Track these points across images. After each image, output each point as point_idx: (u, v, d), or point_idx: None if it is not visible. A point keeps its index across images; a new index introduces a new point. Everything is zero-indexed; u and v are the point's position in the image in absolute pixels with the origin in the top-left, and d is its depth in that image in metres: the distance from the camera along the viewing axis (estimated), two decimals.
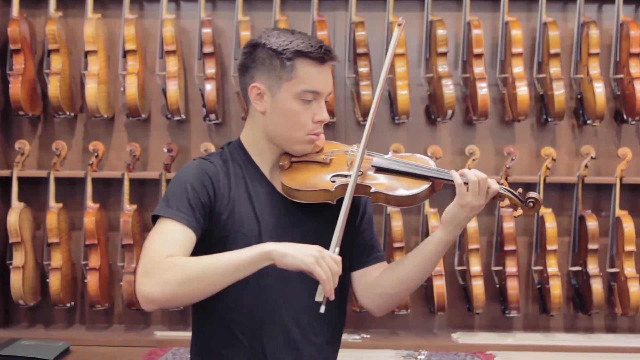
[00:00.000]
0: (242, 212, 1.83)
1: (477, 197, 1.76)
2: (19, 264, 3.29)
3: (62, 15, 3.37)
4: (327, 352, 1.93)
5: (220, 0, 3.48)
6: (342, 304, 1.95)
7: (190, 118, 3.48)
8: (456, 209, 1.76)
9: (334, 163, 1.87)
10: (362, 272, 1.93)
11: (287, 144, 1.86)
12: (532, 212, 1.80)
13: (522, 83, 3.28)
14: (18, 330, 3.44)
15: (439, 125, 3.50)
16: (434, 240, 1.81)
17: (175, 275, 1.66)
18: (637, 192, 3.47)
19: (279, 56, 1.79)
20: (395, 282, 1.88)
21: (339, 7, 3.46)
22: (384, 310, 1.97)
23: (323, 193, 1.81)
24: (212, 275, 1.66)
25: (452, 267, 3.39)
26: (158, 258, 1.69)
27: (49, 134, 3.54)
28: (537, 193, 1.81)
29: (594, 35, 3.28)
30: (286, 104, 1.81)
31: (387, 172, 1.84)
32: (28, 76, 3.35)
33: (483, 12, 3.41)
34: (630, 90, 3.26)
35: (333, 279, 1.63)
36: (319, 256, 1.62)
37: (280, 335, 1.82)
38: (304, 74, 1.79)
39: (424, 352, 3.18)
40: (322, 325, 1.88)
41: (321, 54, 1.79)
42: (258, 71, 1.82)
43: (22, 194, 3.37)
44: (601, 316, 3.50)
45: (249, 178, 1.87)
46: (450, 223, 1.79)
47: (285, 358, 1.83)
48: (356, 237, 1.94)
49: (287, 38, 1.82)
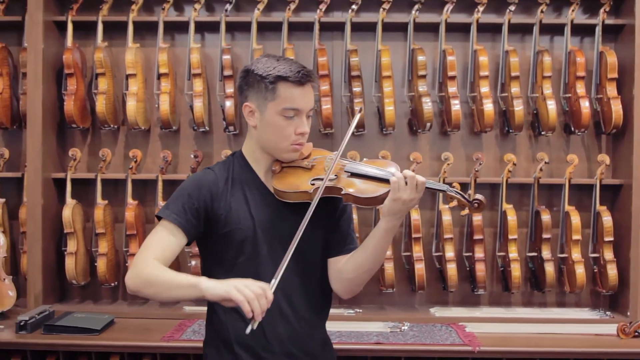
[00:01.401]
0: (239, 211, 1.93)
1: (406, 191, 1.81)
2: (72, 251, 3.41)
3: (107, 45, 3.48)
4: (315, 325, 2.04)
5: (237, 31, 3.56)
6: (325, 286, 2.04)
7: (213, 129, 3.57)
8: (390, 202, 1.84)
9: (315, 168, 1.95)
10: (335, 260, 2.01)
11: (276, 152, 1.96)
12: (478, 212, 1.87)
13: (488, 100, 3.38)
14: (71, 304, 3.52)
15: (419, 136, 3.57)
16: (379, 229, 1.89)
17: (142, 276, 1.84)
18: (583, 191, 3.54)
19: (263, 80, 1.88)
20: (354, 267, 1.95)
21: (337, 37, 3.55)
22: (347, 293, 2.03)
23: (303, 194, 1.90)
24: (161, 286, 1.82)
25: (431, 253, 3.49)
26: (143, 256, 1.87)
27: (97, 143, 3.62)
28: (482, 196, 1.87)
29: (546, 61, 3.38)
30: (272, 120, 1.90)
31: (358, 177, 1.91)
32: (79, 95, 3.45)
33: (456, 42, 3.49)
34: (576, 107, 3.39)
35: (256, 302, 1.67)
36: (241, 285, 1.70)
37: (275, 311, 1.88)
38: (285, 94, 1.88)
39: (407, 324, 3.26)
40: (311, 303, 1.99)
41: (299, 77, 1.87)
42: (249, 93, 1.93)
43: (74, 193, 3.48)
44: (553, 293, 3.58)
45: (246, 182, 1.97)
46: (387, 214, 1.86)
47: (280, 330, 1.94)
48: (334, 229, 2.02)
49: (271, 64, 1.90)
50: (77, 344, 3.00)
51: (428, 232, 3.58)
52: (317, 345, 2.03)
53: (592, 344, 3.06)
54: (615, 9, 3.51)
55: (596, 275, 3.51)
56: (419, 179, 1.82)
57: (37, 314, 3.16)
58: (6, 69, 3.49)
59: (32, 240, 3.38)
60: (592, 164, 3.59)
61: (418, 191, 1.82)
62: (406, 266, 3.53)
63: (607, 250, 3.43)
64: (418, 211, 3.43)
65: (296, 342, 1.97)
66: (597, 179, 3.49)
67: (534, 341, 3.09)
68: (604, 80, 3.42)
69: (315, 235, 1.96)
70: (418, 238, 3.45)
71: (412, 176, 1.81)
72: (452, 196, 1.84)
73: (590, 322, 3.35)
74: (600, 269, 3.48)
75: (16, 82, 3.56)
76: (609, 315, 3.44)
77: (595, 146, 3.62)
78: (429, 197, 3.55)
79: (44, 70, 3.40)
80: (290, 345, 1.96)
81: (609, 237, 3.42)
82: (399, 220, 1.87)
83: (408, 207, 1.83)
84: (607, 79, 3.39)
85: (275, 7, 3.53)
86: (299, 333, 1.97)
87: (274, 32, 3.51)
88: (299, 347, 1.97)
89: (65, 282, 3.54)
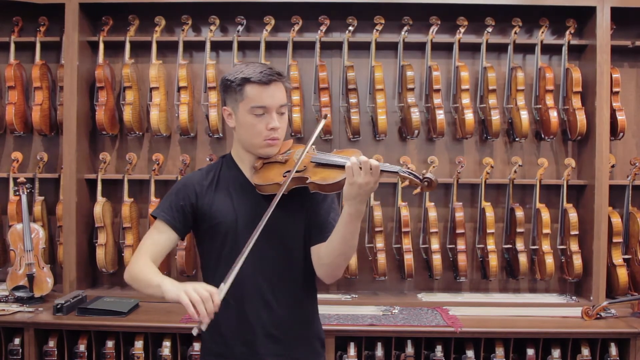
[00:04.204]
0: (222, 206, 1.91)
1: (360, 175, 1.70)
2: (102, 242, 3.48)
3: (134, 62, 3.54)
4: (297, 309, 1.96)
5: (248, 50, 3.62)
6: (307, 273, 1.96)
7: (226, 136, 3.60)
8: (347, 187, 1.73)
9: (288, 162, 1.90)
10: (316, 247, 1.92)
11: (253, 149, 1.92)
12: (430, 189, 1.70)
13: (468, 111, 3.43)
14: (101, 290, 3.59)
15: (408, 142, 3.63)
16: (343, 214, 1.78)
17: (131, 272, 1.86)
18: (551, 191, 3.60)
19: (232, 84, 1.87)
20: (327, 253, 1.87)
21: (335, 55, 3.61)
22: (328, 277, 1.93)
23: (275, 186, 1.84)
24: (141, 283, 1.83)
25: (418, 245, 3.54)
26: (136, 254, 1.90)
27: (124, 147, 3.68)
28: (432, 175, 1.71)
29: (520, 77, 3.44)
30: (244, 119, 1.88)
31: (323, 166, 1.83)
32: (109, 106, 3.52)
33: (440, 59, 3.55)
34: (546, 116, 3.46)
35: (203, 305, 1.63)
36: (190, 289, 1.66)
37: (257, 298, 1.90)
38: (251, 94, 1.85)
39: (397, 308, 3.30)
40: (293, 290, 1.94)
41: (261, 77, 1.84)
42: (225, 97, 1.93)
43: (104, 192, 3.54)
44: (525, 280, 3.64)
45: (231, 180, 1.94)
46: (348, 199, 1.74)
47: (262, 315, 1.91)
48: (313, 219, 1.94)
49: (240, 69, 1.88)
50: (106, 325, 3.08)
51: (416, 227, 3.65)
52: (298, 328, 1.97)
53: (560, 324, 3.15)
54: (579, 31, 3.59)
55: (563, 264, 3.58)
56: (373, 163, 1.70)
57: (72, 298, 3.24)
58: (46, 83, 3.58)
59: (67, 233, 3.45)
60: (560, 167, 3.64)
61: (373, 174, 1.70)
62: (396, 257, 3.60)
63: (573, 242, 3.50)
64: (407, 208, 3.51)
65: (277, 325, 1.93)
66: (564, 180, 3.54)
67: (509, 322, 3.17)
68: (570, 93, 3.49)
69: (294, 225, 1.90)
70: (407, 232, 3.53)
71: (365, 161, 1.70)
72: (405, 177, 1.72)
73: (558, 306, 3.43)
74: (567, 259, 3.55)
75: (54, 95, 3.65)
76: (575, 299, 3.51)
77: (563, 151, 3.67)
78: (417, 198, 3.61)
79: (79, 84, 3.47)
80: (271, 328, 1.92)
81: (575, 231, 3.49)
82: (362, 205, 1.74)
83: (365, 190, 1.71)
84: (573, 92, 3.47)
85: (281, 29, 3.59)
86: (280, 317, 1.92)
87: (280, 50, 3.57)
88: (280, 329, 1.93)
89: (96, 270, 3.61)
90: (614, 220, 3.48)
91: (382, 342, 3.13)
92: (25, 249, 3.37)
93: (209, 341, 2.00)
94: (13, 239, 3.43)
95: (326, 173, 1.80)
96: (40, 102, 3.53)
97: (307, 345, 2.01)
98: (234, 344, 1.92)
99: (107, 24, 3.58)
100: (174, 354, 3.13)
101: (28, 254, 3.38)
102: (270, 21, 3.53)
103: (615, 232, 3.46)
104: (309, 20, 3.53)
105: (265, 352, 1.92)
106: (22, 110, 3.58)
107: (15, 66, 3.54)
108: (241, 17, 3.54)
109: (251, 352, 1.93)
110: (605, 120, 3.41)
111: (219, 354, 1.96)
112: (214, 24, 3.54)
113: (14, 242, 3.42)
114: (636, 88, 3.71)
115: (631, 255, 3.51)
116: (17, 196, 3.48)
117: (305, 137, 3.54)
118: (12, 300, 3.37)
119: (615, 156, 3.59)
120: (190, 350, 3.14)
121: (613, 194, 3.46)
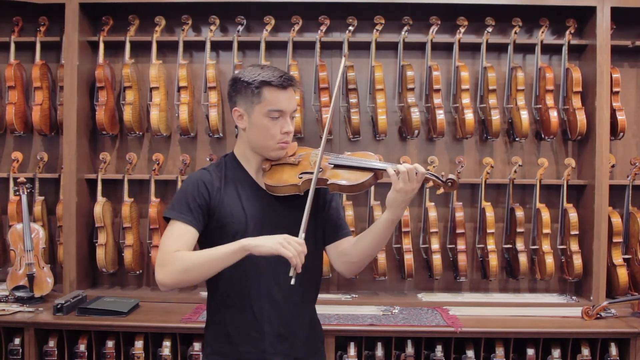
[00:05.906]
0: (232, 206, 1.89)
1: (407, 183, 1.77)
2: (102, 242, 3.45)
3: (134, 62, 3.50)
4: (304, 308, 1.97)
5: (248, 49, 3.57)
6: (315, 272, 2.00)
7: (226, 136, 3.57)
8: (393, 194, 1.80)
9: (301, 164, 1.92)
10: (334, 245, 1.98)
11: (264, 151, 1.91)
12: (452, 190, 1.82)
13: (468, 110, 3.40)
14: (101, 290, 3.55)
15: (408, 141, 3.59)
16: (382, 219, 1.85)
17: (178, 267, 1.76)
18: (552, 191, 3.56)
19: (250, 86, 1.85)
20: (358, 253, 1.93)
21: (335, 55, 3.58)
22: (352, 273, 2.02)
23: (292, 187, 1.86)
24: (204, 266, 1.76)
25: (418, 245, 3.51)
26: (167, 253, 1.79)
27: (124, 147, 3.65)
28: (454, 175, 1.82)
29: (520, 77, 3.40)
30: (259, 121, 1.86)
31: (341, 168, 1.88)
32: (109, 106, 3.48)
33: (440, 59, 3.51)
34: (546, 116, 3.43)
35: (299, 257, 1.66)
36: (284, 242, 1.67)
37: (265, 297, 1.89)
38: (270, 97, 1.85)
39: (397, 308, 3.28)
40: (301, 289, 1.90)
41: (281, 82, 1.84)
42: (237, 98, 1.89)
43: (104, 191, 3.50)
44: (525, 280, 3.61)
45: (238, 180, 1.92)
46: (391, 205, 1.82)
47: (270, 314, 1.90)
48: (326, 219, 1.98)
49: (256, 72, 1.87)
50: (106, 325, 3.05)
51: (416, 227, 3.61)
52: (304, 327, 1.97)
53: (560, 324, 3.11)
54: (579, 31, 3.55)
55: (563, 264, 3.54)
56: (420, 170, 1.77)
57: (72, 298, 3.20)
58: (46, 83, 3.54)
59: (68, 233, 3.42)
60: (560, 167, 3.61)
61: (418, 181, 1.78)
62: (397, 257, 3.57)
63: (573, 242, 3.46)
64: (407, 208, 3.35)
65: (285, 324, 1.92)
66: (564, 179, 3.51)
67: (509, 322, 3.13)
68: (570, 93, 3.45)
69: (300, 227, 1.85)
70: (407, 232, 3.49)
71: (412, 168, 1.77)
72: (428, 178, 1.82)
73: (558, 306, 3.39)
74: (567, 259, 3.51)
75: (54, 95, 3.61)
76: (575, 299, 3.48)
77: (563, 151, 3.64)
78: (417, 197, 3.56)
79: (79, 84, 3.44)
80: (278, 326, 1.91)
81: (575, 231, 3.45)
82: (403, 210, 1.83)
83: (410, 197, 1.80)
84: (573, 92, 3.43)
85: (281, 29, 3.56)
86: (287, 316, 1.92)
87: (280, 50, 3.54)
88: (287, 329, 1.92)
89: (96, 270, 3.58)
90: (614, 220, 3.44)
91: (382, 342, 3.10)
92: (26, 249, 3.34)
93: (213, 340, 1.97)
94: (13, 239, 3.40)
95: (347, 175, 1.85)
96: (40, 102, 3.49)
97: (312, 344, 2.00)
98: (240, 343, 1.91)
99: (107, 24, 3.55)
100: (174, 353, 3.09)
101: (28, 254, 3.35)
102: (270, 21, 3.49)
103: (615, 232, 3.42)
104: (309, 20, 3.50)
105: (272, 351, 1.91)
106: (22, 110, 3.55)
107: (15, 66, 3.51)
108: (241, 17, 3.51)
109: (257, 351, 1.91)
110: (605, 120, 3.37)
111: (224, 354, 1.94)
112: (214, 24, 3.50)
113: (14, 242, 3.39)
114: (636, 88, 3.67)
115: (631, 255, 3.47)
116: (17, 196, 3.46)
117: (305, 137, 3.52)
118: (12, 300, 3.34)
119: (615, 156, 3.56)
120: (190, 350, 3.10)
121: (613, 194, 3.42)
